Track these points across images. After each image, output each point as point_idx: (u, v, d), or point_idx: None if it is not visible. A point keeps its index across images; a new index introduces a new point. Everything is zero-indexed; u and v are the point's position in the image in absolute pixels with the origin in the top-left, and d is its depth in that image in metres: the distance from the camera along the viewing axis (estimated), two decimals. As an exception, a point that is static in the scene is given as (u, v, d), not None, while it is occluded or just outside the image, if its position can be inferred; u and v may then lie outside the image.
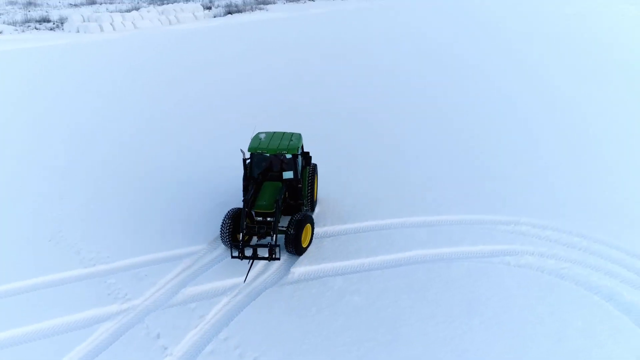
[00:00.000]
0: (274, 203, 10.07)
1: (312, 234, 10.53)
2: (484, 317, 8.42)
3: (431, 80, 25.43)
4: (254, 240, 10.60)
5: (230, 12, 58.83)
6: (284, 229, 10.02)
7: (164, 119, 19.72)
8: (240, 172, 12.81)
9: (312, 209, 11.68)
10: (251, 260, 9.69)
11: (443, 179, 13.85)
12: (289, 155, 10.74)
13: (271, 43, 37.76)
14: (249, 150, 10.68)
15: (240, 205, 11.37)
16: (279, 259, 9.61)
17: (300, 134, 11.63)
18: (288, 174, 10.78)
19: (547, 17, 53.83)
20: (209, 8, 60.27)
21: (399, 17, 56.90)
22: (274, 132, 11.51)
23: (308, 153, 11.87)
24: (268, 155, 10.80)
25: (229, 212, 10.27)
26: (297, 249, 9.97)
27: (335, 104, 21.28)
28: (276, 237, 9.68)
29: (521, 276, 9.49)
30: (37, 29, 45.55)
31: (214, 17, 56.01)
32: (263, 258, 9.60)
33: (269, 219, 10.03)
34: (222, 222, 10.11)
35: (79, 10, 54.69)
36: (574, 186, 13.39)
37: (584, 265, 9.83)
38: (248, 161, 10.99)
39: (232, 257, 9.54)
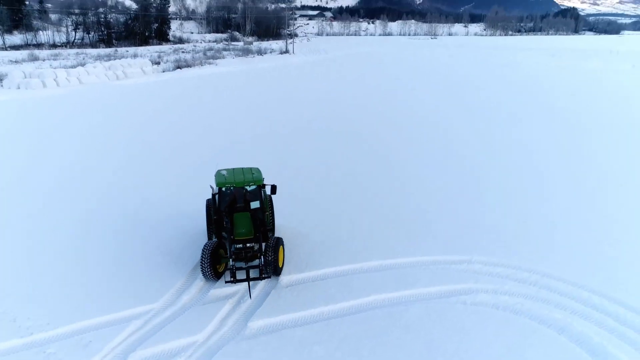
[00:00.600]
0: (251, 229, 10.83)
1: (284, 254, 11.40)
2: (445, 358, 8.40)
3: (368, 123, 26.45)
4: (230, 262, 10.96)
5: (179, 67, 59.30)
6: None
7: (94, 175, 19.07)
8: (191, 216, 12.42)
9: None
10: (247, 282, 10.24)
11: (396, 221, 14.11)
12: (252, 187, 11.52)
13: (219, 91, 38.17)
14: (217, 186, 11.26)
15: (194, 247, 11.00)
16: (269, 277, 10.53)
17: (258, 168, 12.43)
18: (255, 204, 11.63)
19: (485, 66, 58.07)
20: (158, 63, 60.52)
21: (342, 70, 59.54)
22: (234, 168, 12.33)
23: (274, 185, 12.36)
24: (232, 189, 11.52)
25: (207, 246, 10.62)
26: (275, 270, 10.78)
27: (286, 149, 21.53)
28: (263, 258, 10.51)
29: (477, 314, 9.64)
30: (-27, 86, 43.62)
31: (163, 71, 56.19)
32: (255, 279, 10.34)
33: (248, 244, 10.75)
34: (202, 257, 10.51)
35: (20, 67, 53.17)
36: (519, 223, 14.04)
37: (535, 300, 10.15)
38: (217, 196, 11.71)
39: (226, 281, 10.16)
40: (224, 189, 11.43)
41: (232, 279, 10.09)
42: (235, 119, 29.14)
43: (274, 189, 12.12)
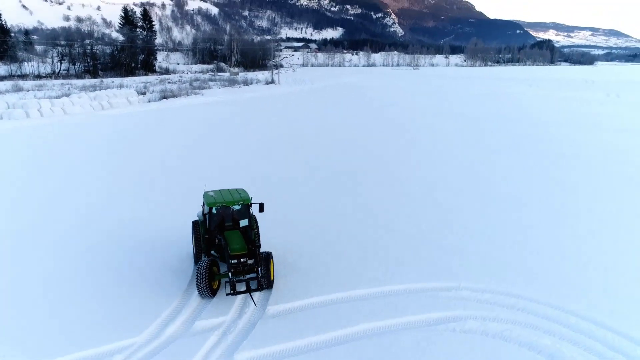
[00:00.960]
0: (244, 245, 11.39)
1: (274, 268, 12.05)
2: (437, 388, 8.26)
3: (352, 151, 26.72)
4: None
5: (165, 97, 59.52)
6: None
7: (72, 203, 18.75)
8: (176, 242, 12.17)
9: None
10: (249, 292, 10.86)
11: (382, 247, 14.09)
12: (237, 207, 12.20)
13: (203, 120, 38.31)
14: (208, 206, 11.84)
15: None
16: (266, 288, 11.28)
17: (243, 189, 13.01)
18: (244, 222, 12.45)
19: (467, 95, 59.37)
20: (144, 93, 60.73)
21: (326, 99, 60.34)
22: (221, 190, 12.90)
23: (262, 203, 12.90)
24: (220, 208, 12.12)
25: (203, 264, 11.02)
26: (268, 282, 11.41)
27: (270, 176, 21.50)
28: (259, 270, 11.08)
29: (467, 342, 9.56)
30: (-47, 117, 42.98)
31: (149, 101, 56.32)
32: (255, 290, 10.89)
33: (242, 259, 11.15)
34: (199, 274, 10.89)
35: (3, 97, 52.73)
36: (504, 250, 14.14)
37: (524, 326, 10.13)
38: (207, 215, 12.25)
39: (227, 294, 10.70)
40: (214, 209, 12.04)
41: (232, 291, 10.64)
42: (221, 145, 29.16)
43: (261, 207, 12.68)
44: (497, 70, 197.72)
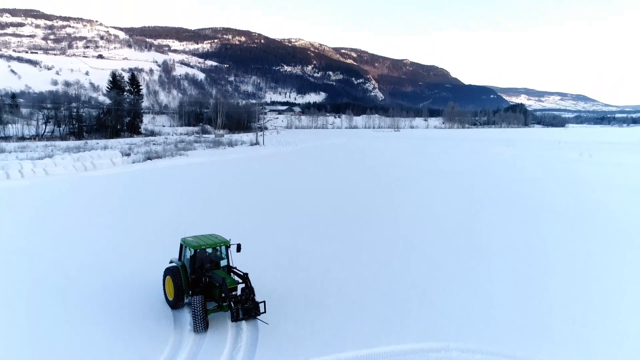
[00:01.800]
0: (233, 280, 12.92)
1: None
2: None
3: (336, 209, 26.79)
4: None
5: (150, 158, 59.73)
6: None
7: (45, 263, 18.11)
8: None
9: None
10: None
11: (367, 307, 13.75)
12: (209, 250, 13.75)
13: (186, 180, 38.24)
14: (193, 248, 13.05)
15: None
16: (265, 312, 12.61)
17: (216, 234, 14.42)
18: (224, 262, 13.82)
19: (449, 155, 60.94)
20: (128, 155, 60.90)
21: (309, 159, 61.29)
22: (196, 235, 14.10)
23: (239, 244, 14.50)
24: (200, 251, 13.47)
25: (198, 301, 12.07)
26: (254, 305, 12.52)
27: (252, 234, 21.22)
28: (254, 298, 12.55)
29: (459, 406, 9.14)
30: None
31: (133, 162, 56.37)
32: (257, 314, 12.38)
33: (232, 293, 12.55)
34: (195, 311, 12.00)
35: (-17, 159, 52.23)
36: (492, 304, 13.94)
37: (516, 387, 9.78)
38: (193, 257, 13.31)
39: (232, 321, 12.03)
40: (199, 250, 13.25)
41: (236, 318, 12.04)
42: (202, 204, 28.95)
43: (239, 247, 14.28)
44: (474, 131, 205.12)
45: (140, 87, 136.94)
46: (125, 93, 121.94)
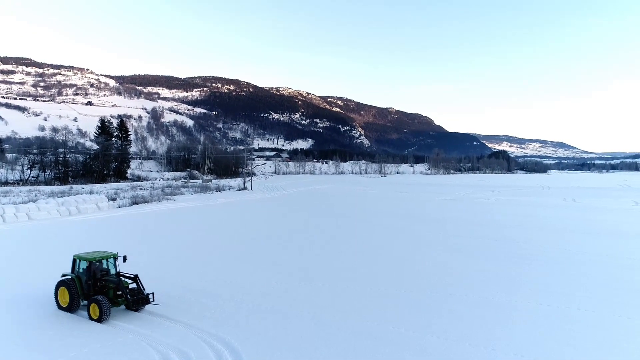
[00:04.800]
0: (125, 281, 16.68)
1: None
2: None
3: (318, 256, 26.50)
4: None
5: (136, 203, 59.07)
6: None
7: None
8: None
9: None
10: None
11: (360, 355, 13.36)
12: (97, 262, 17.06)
13: (171, 224, 37.69)
14: (89, 260, 16.50)
15: None
16: (154, 301, 16.76)
17: (103, 250, 20.67)
18: (113, 270, 17.56)
19: (428, 202, 61.38)
20: (114, 199, 60.19)
21: (296, 204, 61.16)
22: (88, 252, 17.81)
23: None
24: (94, 263, 16.84)
25: (104, 299, 15.61)
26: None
27: (236, 283, 20.79)
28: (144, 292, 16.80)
29: None
30: None
31: (119, 207, 55.66)
32: (147, 302, 16.53)
33: (128, 289, 16.50)
34: (104, 306, 15.38)
35: (-36, 204, 50.99)
36: (483, 350, 13.67)
37: None
38: (87, 269, 16.77)
39: (127, 308, 16.67)
40: (95, 261, 16.68)
41: (131, 307, 16.43)
42: (184, 250, 28.43)
43: (125, 258, 18.15)
44: (459, 177, 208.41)
45: (129, 133, 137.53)
46: (113, 138, 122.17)
